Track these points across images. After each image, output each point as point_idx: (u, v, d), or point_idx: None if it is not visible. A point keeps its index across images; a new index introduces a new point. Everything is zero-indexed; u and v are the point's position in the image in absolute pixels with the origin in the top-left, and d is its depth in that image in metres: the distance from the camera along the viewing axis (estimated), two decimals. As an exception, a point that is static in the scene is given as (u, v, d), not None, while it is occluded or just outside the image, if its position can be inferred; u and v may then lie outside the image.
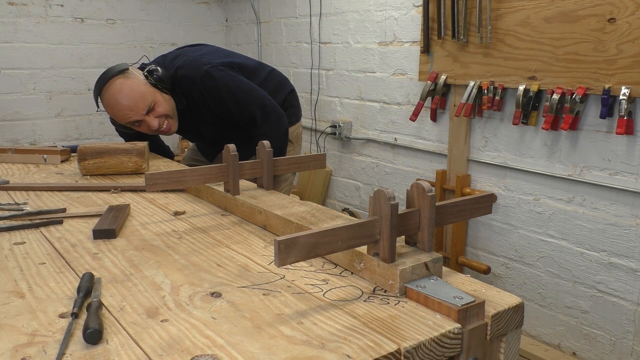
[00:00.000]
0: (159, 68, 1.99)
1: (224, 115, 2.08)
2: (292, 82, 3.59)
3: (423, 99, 2.57)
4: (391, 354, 0.72)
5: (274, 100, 2.09)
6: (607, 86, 1.90)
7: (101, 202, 1.52)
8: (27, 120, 3.53)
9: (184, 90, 2.04)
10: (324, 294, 0.91)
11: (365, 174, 3.15)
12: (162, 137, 2.44)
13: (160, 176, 1.31)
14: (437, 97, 2.53)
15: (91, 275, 0.95)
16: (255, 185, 1.49)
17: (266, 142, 1.45)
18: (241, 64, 2.15)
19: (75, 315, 0.82)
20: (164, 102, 1.98)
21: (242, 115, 2.06)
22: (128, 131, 2.12)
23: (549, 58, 2.07)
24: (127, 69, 1.94)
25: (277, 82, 2.27)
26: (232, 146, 1.38)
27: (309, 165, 1.56)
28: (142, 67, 2.03)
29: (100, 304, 0.85)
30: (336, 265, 1.03)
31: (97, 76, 2.03)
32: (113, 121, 2.11)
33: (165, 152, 2.40)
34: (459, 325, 0.79)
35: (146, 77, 1.97)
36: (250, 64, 2.22)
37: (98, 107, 1.99)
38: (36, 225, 1.29)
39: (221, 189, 1.45)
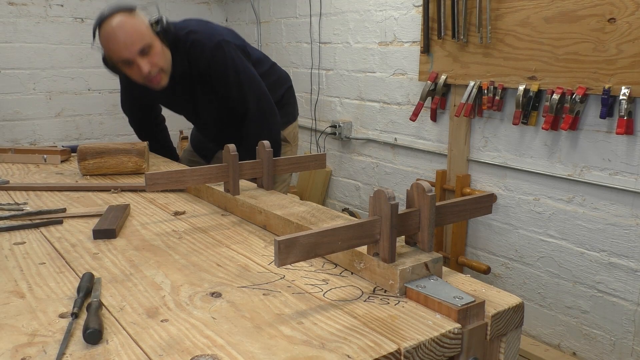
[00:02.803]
0: (165, 19, 1.92)
1: (222, 95, 2.05)
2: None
3: (423, 99, 2.57)
4: (391, 354, 0.72)
5: (271, 97, 2.08)
6: (607, 86, 1.90)
7: (101, 202, 1.52)
8: (27, 120, 3.53)
9: (190, 56, 1.98)
10: (324, 294, 0.91)
11: (365, 174, 3.15)
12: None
13: (160, 176, 1.31)
14: (437, 97, 2.53)
15: (91, 275, 0.95)
16: (255, 185, 1.49)
17: (266, 142, 1.44)
18: (249, 51, 2.14)
19: (75, 315, 0.82)
20: (161, 52, 1.91)
21: (239, 101, 2.03)
22: (122, 76, 2.06)
23: (549, 58, 2.07)
24: (135, 9, 1.88)
25: (277, 77, 2.27)
26: (232, 146, 1.38)
27: (309, 165, 1.56)
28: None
29: (100, 304, 0.85)
30: (336, 265, 1.03)
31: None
32: (124, 104, 2.04)
33: (171, 153, 2.38)
34: (459, 325, 0.79)
35: (151, 24, 1.89)
36: (256, 54, 2.21)
37: (94, 39, 1.91)
38: (36, 225, 1.29)
39: (221, 189, 1.45)
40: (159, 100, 2.28)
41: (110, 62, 1.96)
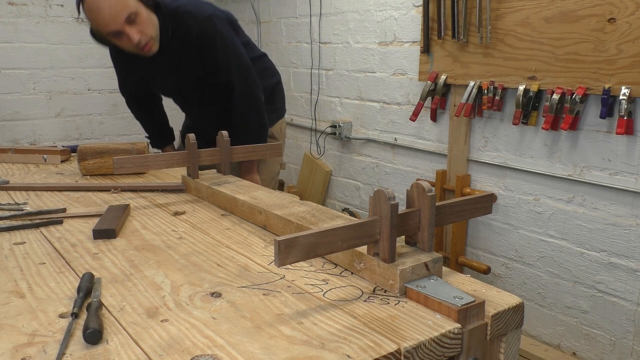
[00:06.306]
0: None
1: (208, 67, 2.03)
2: (292, 82, 3.61)
3: (423, 99, 2.57)
4: (391, 354, 0.72)
5: (258, 80, 2.07)
6: (607, 86, 1.90)
7: (101, 202, 1.52)
8: (27, 120, 3.53)
9: (180, 27, 1.96)
10: (324, 294, 0.91)
11: (365, 174, 3.15)
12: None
13: (126, 160, 1.47)
14: (437, 97, 2.53)
15: (91, 275, 0.95)
16: (215, 170, 1.66)
17: (224, 132, 1.58)
18: (240, 30, 2.14)
19: (75, 315, 0.82)
20: (147, 19, 1.90)
21: (225, 73, 2.02)
22: (110, 45, 2.05)
23: (549, 58, 2.07)
24: None
25: (266, 68, 2.26)
26: (191, 135, 1.55)
27: (265, 154, 1.72)
28: None
29: (100, 304, 0.85)
30: (336, 265, 1.03)
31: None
32: (121, 87, 2.11)
33: (167, 131, 2.38)
34: (459, 325, 0.79)
35: None
36: (246, 38, 2.20)
37: (79, 13, 1.89)
38: (36, 225, 1.29)
39: (223, 189, 1.45)
40: (146, 75, 2.18)
41: (98, 35, 1.93)
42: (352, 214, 3.23)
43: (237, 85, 2.01)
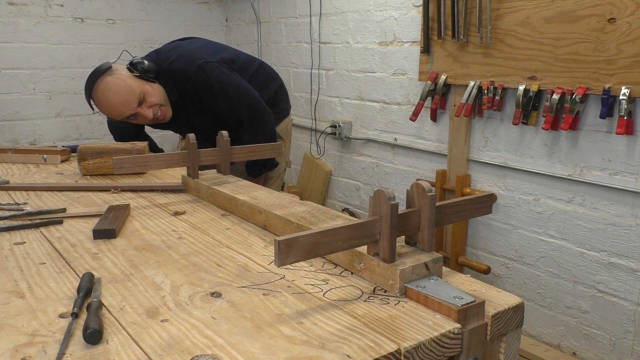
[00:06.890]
0: (144, 60, 2.02)
1: (215, 110, 2.14)
2: (292, 82, 3.61)
3: (423, 99, 2.57)
4: (391, 354, 0.72)
5: (262, 100, 2.15)
6: (607, 86, 1.90)
7: (101, 202, 1.52)
8: (27, 120, 3.53)
9: (177, 83, 2.07)
10: (324, 294, 0.91)
11: (365, 174, 3.15)
12: (153, 137, 2.52)
13: (126, 160, 1.45)
14: (437, 97, 2.53)
15: (91, 275, 0.95)
16: (215, 170, 1.65)
17: (224, 132, 1.58)
18: (232, 59, 2.20)
19: (75, 315, 0.82)
20: (153, 92, 2.01)
21: (231, 113, 2.12)
22: (123, 126, 2.19)
23: (549, 58, 2.07)
24: (111, 66, 1.97)
25: (265, 76, 2.32)
26: (192, 135, 1.54)
27: (265, 154, 1.71)
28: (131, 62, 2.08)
29: (100, 304, 0.85)
30: (336, 265, 1.03)
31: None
32: (110, 124, 2.21)
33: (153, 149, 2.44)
34: (459, 325, 0.79)
35: (130, 70, 2.00)
36: (241, 59, 2.26)
37: (93, 109, 2.02)
38: (36, 225, 1.29)
39: (223, 189, 1.45)
40: (157, 126, 2.35)
41: (115, 121, 2.09)
42: (352, 214, 3.23)
43: (244, 116, 2.12)
